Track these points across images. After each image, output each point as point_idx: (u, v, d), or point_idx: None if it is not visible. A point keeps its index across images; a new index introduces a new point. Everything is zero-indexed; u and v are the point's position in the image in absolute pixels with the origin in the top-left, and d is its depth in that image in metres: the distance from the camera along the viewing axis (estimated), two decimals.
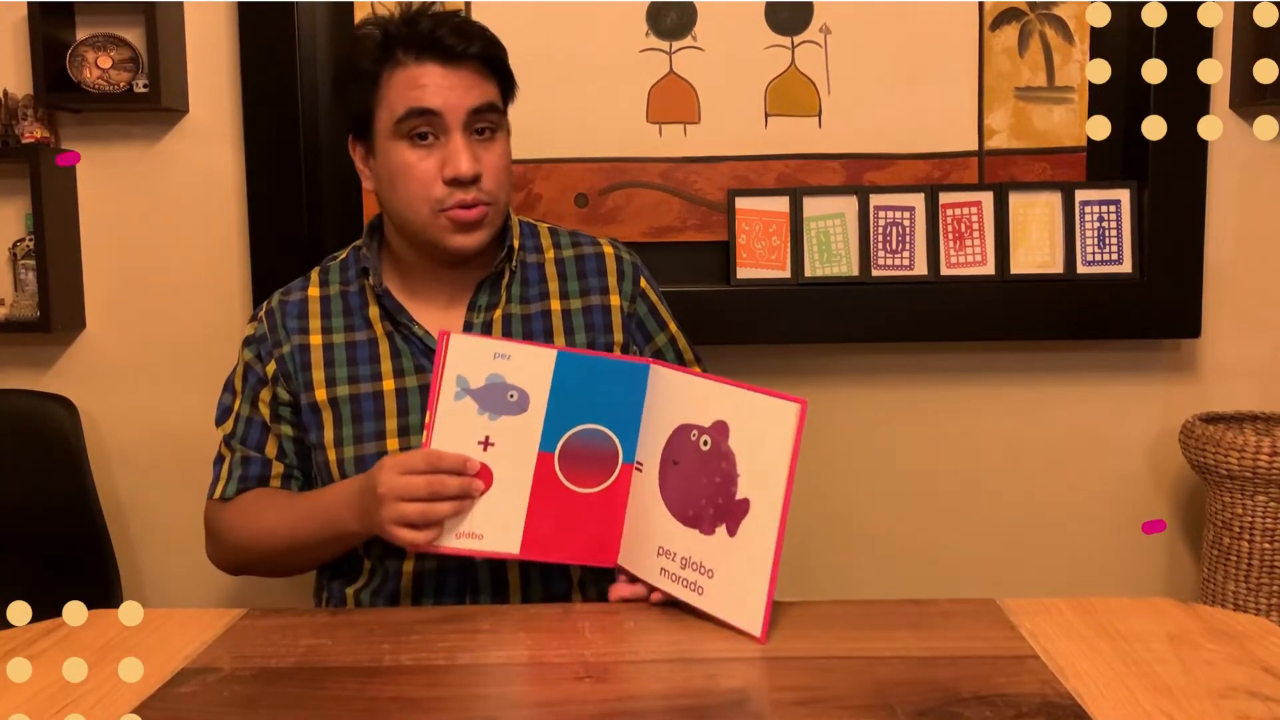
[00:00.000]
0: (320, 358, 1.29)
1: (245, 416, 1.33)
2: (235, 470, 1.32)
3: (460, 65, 1.23)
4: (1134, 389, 2.01)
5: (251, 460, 1.32)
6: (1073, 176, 1.94)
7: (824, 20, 1.93)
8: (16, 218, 1.99)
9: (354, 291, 1.33)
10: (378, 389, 1.27)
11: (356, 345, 1.30)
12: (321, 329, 1.31)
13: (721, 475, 1.05)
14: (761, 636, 1.01)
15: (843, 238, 1.92)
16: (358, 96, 1.26)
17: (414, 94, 1.22)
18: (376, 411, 1.27)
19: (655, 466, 1.11)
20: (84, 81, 1.90)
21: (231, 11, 1.92)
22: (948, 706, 0.87)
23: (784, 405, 1.02)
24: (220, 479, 1.33)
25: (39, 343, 2.00)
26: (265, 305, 1.36)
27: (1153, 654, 0.97)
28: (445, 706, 0.89)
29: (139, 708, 0.89)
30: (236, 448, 1.33)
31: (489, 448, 1.11)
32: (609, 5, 1.91)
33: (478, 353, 1.11)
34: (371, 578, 1.28)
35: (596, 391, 1.12)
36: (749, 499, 1.03)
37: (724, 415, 1.06)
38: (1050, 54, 1.92)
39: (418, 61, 1.23)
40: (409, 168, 1.23)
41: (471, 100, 1.23)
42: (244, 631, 1.06)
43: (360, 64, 1.25)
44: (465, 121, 1.23)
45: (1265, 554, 1.79)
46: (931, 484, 2.03)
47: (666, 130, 1.95)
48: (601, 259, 1.37)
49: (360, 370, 1.29)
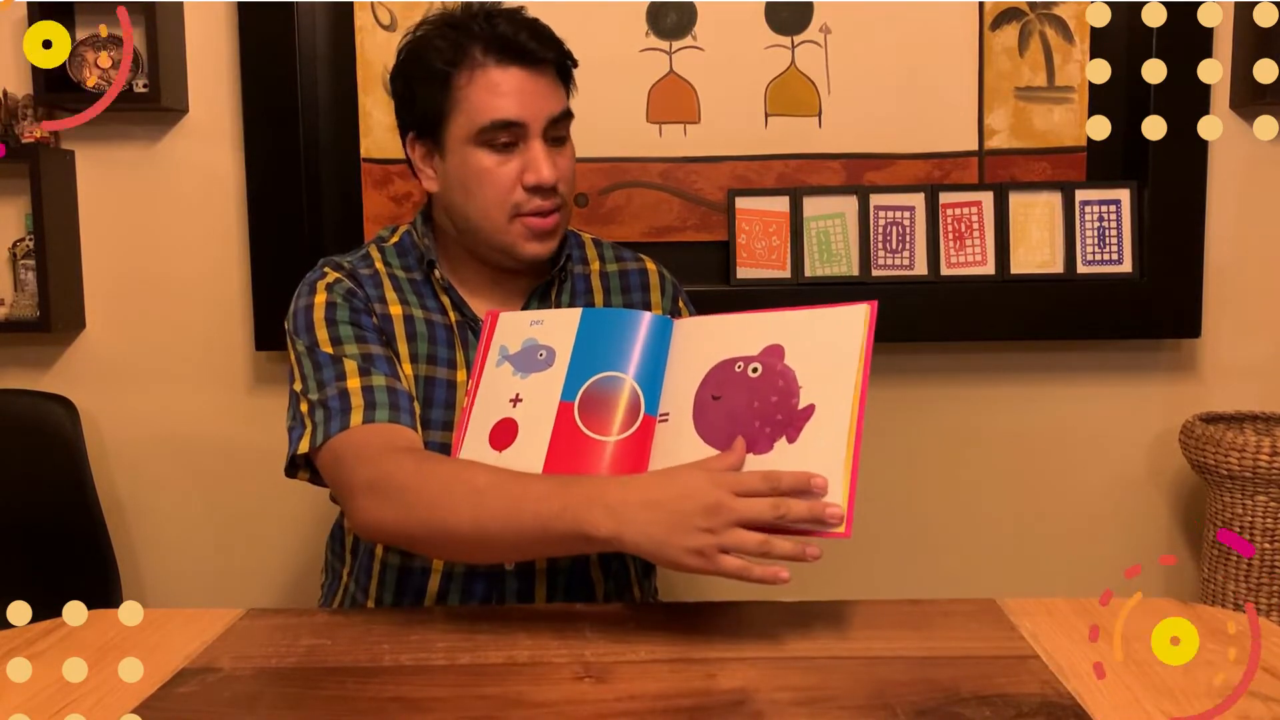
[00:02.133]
0: (402, 329, 1.23)
1: (360, 354, 1.17)
2: (381, 397, 1.13)
3: (541, 71, 1.21)
4: (1134, 389, 2.01)
5: (400, 392, 1.16)
6: (1073, 176, 1.94)
7: (824, 20, 1.93)
8: (16, 218, 1.99)
9: (420, 280, 1.28)
10: (453, 378, 1.23)
11: (434, 325, 1.25)
12: (400, 301, 1.25)
13: (778, 392, 1.02)
14: (846, 531, 0.95)
15: (843, 237, 1.92)
16: (428, 97, 1.21)
17: (499, 103, 1.18)
18: (447, 401, 1.22)
19: (687, 411, 1.07)
20: (84, 81, 1.90)
21: (231, 11, 1.92)
22: (948, 706, 0.87)
23: (850, 310, 1.03)
24: (354, 408, 1.12)
25: (39, 343, 2.00)
26: (333, 265, 1.26)
27: (1153, 654, 0.97)
28: (445, 706, 0.89)
29: (139, 708, 0.89)
30: (374, 376, 1.15)
31: (518, 404, 1.12)
32: (609, 5, 1.91)
33: (517, 323, 1.18)
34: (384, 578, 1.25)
35: (618, 342, 1.12)
36: (813, 404, 1.01)
37: (776, 340, 1.05)
38: (1050, 54, 1.92)
39: (499, 65, 1.19)
40: (488, 173, 1.20)
41: (552, 108, 1.21)
42: (244, 631, 1.06)
43: (431, 63, 1.20)
44: (544, 129, 1.21)
45: (1265, 554, 1.79)
46: (931, 484, 2.03)
47: (666, 130, 1.95)
48: (645, 274, 1.37)
49: (439, 352, 1.24)
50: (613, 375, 1.11)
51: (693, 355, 1.10)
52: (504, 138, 1.19)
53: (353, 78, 1.93)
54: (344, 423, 1.11)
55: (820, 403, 1.00)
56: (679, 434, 1.06)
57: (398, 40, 1.27)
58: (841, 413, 0.99)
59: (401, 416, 1.13)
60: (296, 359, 1.20)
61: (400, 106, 1.27)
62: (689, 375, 1.09)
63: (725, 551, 0.94)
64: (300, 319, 1.22)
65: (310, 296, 1.23)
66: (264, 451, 2.02)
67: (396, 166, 1.93)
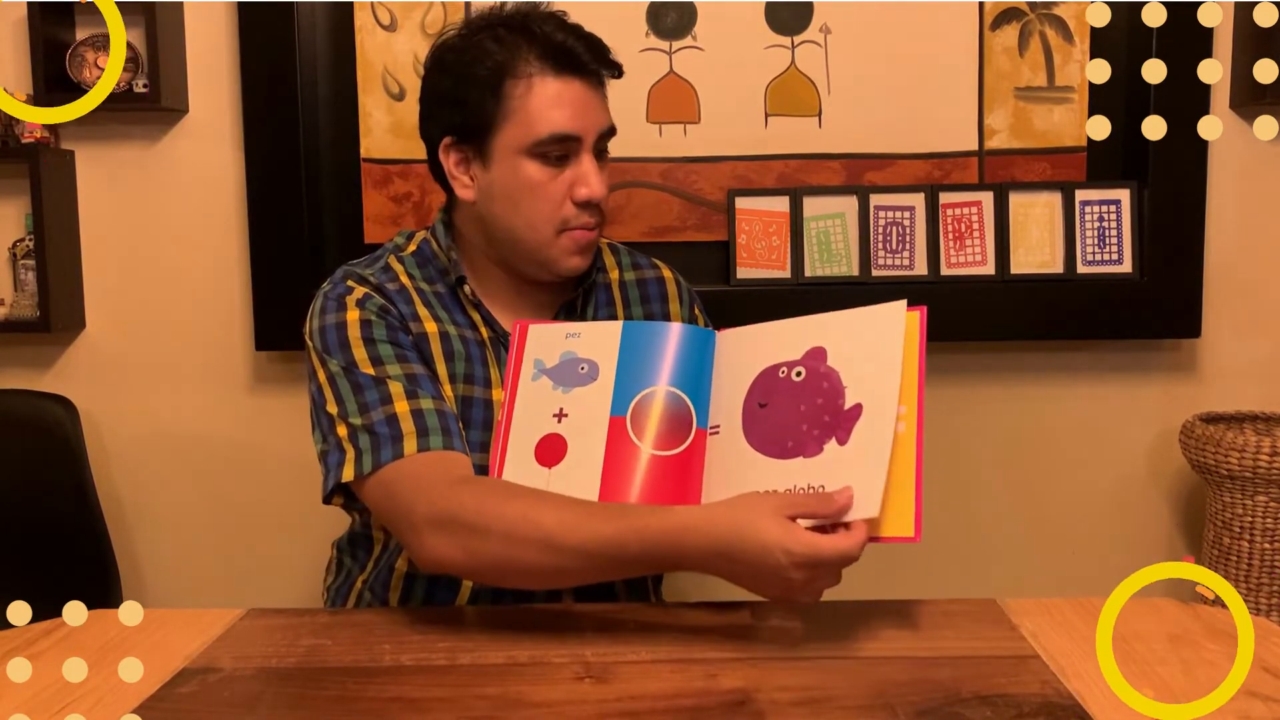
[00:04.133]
0: (439, 348, 1.18)
1: (403, 374, 1.13)
2: (433, 421, 1.09)
3: (595, 84, 1.18)
4: (1134, 389, 2.01)
5: (449, 415, 1.12)
6: (1073, 176, 1.94)
7: (824, 20, 1.93)
8: (16, 218, 1.99)
9: (445, 293, 1.23)
10: (488, 397, 1.19)
11: (468, 342, 1.21)
12: (432, 318, 1.20)
13: (824, 394, 1.03)
14: (916, 535, 0.97)
15: (843, 237, 1.92)
16: (476, 103, 1.15)
17: (557, 115, 1.15)
18: (485, 421, 1.18)
19: (736, 422, 1.07)
20: (84, 81, 1.90)
21: (231, 11, 1.92)
22: (948, 706, 0.87)
23: (887, 308, 1.04)
24: (405, 435, 1.08)
25: (39, 343, 2.00)
26: (357, 278, 1.20)
27: (1153, 654, 0.97)
28: (445, 706, 0.89)
29: (139, 708, 0.89)
30: (422, 399, 1.11)
31: (563, 419, 1.11)
32: (609, 5, 1.91)
33: (551, 336, 1.16)
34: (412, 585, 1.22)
35: (662, 355, 1.12)
36: (860, 403, 1.01)
37: (817, 342, 1.05)
38: (1050, 54, 1.92)
39: (558, 76, 1.15)
40: (539, 187, 1.16)
41: (604, 122, 1.19)
42: (244, 631, 1.06)
43: (483, 68, 1.15)
44: (595, 143, 1.19)
45: (1265, 554, 1.79)
46: (931, 484, 2.02)
47: (666, 130, 1.95)
48: (663, 283, 1.36)
49: (476, 371, 1.20)
50: (662, 389, 1.10)
51: (738, 365, 1.10)
52: (558, 151, 1.16)
53: (353, 78, 1.93)
54: (397, 451, 1.08)
55: (867, 402, 1.01)
56: (731, 446, 1.07)
57: (396, 43, 1.25)
58: (887, 415, 0.99)
59: (454, 441, 1.10)
60: (329, 379, 1.14)
61: (438, 109, 1.21)
62: (736, 386, 1.09)
63: None
64: (332, 336, 1.15)
65: (340, 313, 1.16)
66: (264, 451, 2.02)
67: (396, 166, 1.93)
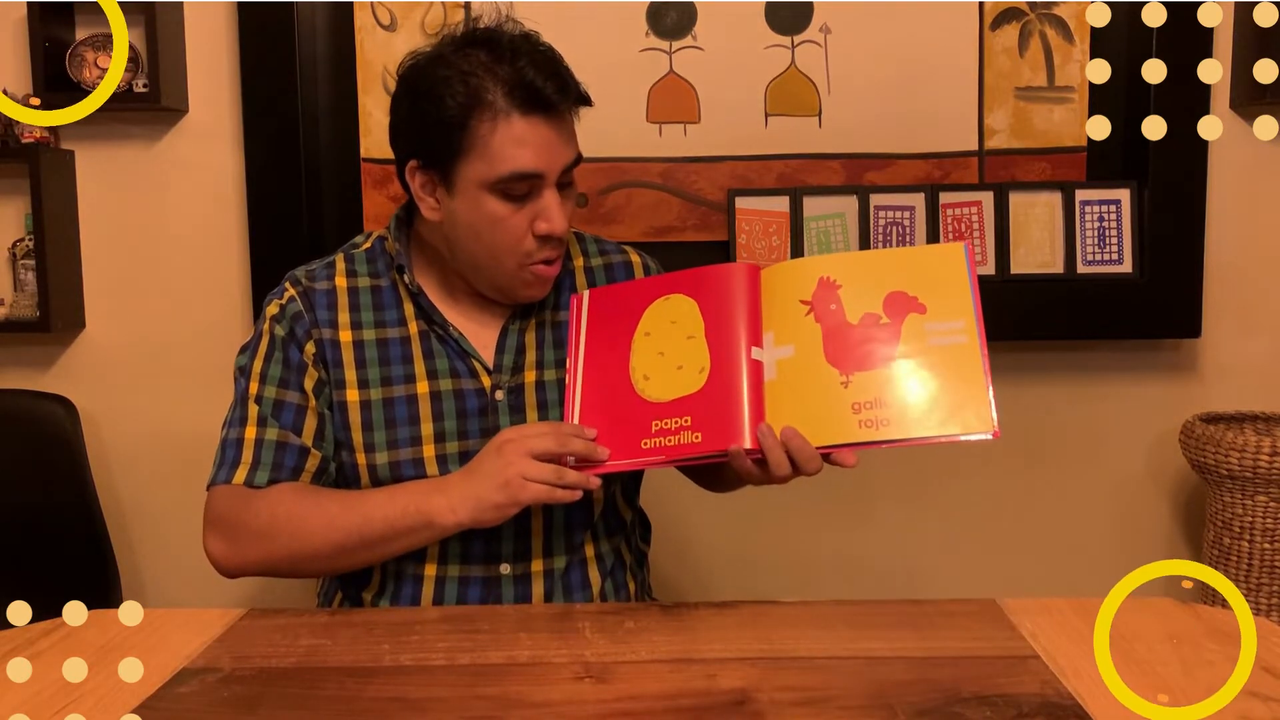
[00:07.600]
0: (350, 356, 1.23)
1: (273, 398, 1.21)
2: (266, 455, 1.20)
3: (561, 120, 1.17)
4: (1134, 389, 2.01)
5: (289, 447, 1.20)
6: (1073, 176, 1.94)
7: (824, 20, 1.93)
8: (16, 218, 1.99)
9: (386, 286, 1.27)
10: (411, 392, 1.22)
11: (388, 343, 1.24)
12: (351, 324, 1.24)
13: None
14: (996, 431, 1.02)
15: (843, 237, 1.92)
16: (441, 136, 1.16)
17: (520, 155, 1.14)
18: (411, 416, 1.22)
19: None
20: (84, 81, 1.90)
21: (231, 11, 1.92)
22: (948, 706, 0.87)
23: (948, 247, 1.09)
24: (242, 463, 1.20)
25: (39, 343, 2.00)
26: (294, 280, 1.27)
27: (1153, 654, 0.97)
28: (445, 706, 0.89)
29: (139, 708, 0.89)
30: (269, 428, 1.20)
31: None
32: (609, 5, 1.91)
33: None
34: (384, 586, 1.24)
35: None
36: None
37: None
38: (1050, 54, 1.92)
39: (523, 115, 1.14)
40: (501, 221, 1.17)
41: (568, 157, 1.19)
42: (244, 631, 1.06)
43: (448, 102, 1.15)
44: (558, 178, 1.19)
45: (1265, 554, 1.79)
46: (931, 483, 2.03)
47: (666, 130, 1.95)
48: (630, 268, 1.36)
49: (393, 370, 1.23)
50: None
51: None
52: (521, 189, 1.17)
53: (353, 78, 1.93)
54: (228, 476, 1.20)
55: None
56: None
57: (396, 43, 1.26)
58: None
59: (282, 474, 1.19)
60: (235, 371, 1.26)
61: (405, 133, 1.22)
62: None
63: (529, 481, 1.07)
64: (252, 337, 1.26)
65: (260, 320, 1.26)
66: None
67: None
